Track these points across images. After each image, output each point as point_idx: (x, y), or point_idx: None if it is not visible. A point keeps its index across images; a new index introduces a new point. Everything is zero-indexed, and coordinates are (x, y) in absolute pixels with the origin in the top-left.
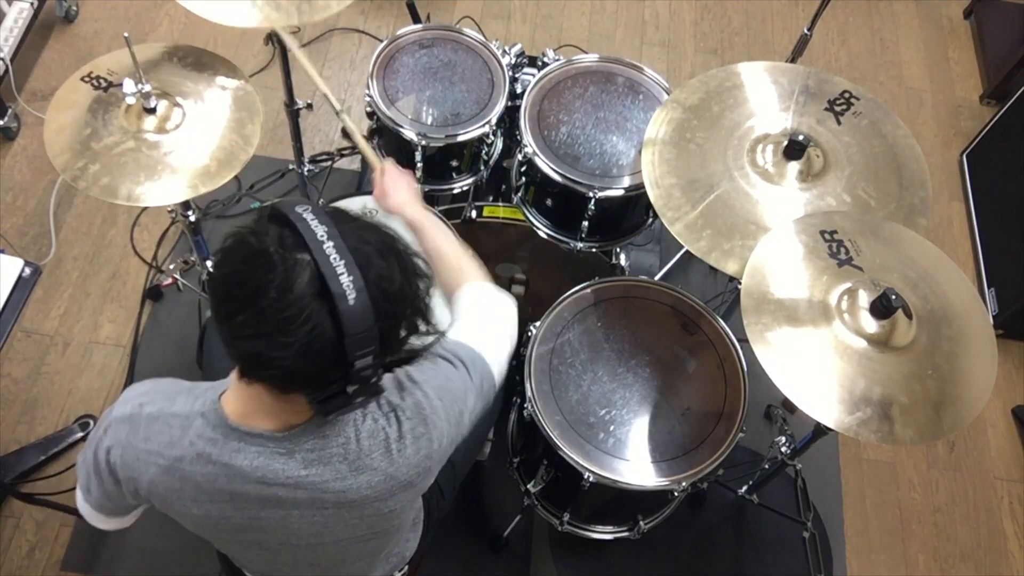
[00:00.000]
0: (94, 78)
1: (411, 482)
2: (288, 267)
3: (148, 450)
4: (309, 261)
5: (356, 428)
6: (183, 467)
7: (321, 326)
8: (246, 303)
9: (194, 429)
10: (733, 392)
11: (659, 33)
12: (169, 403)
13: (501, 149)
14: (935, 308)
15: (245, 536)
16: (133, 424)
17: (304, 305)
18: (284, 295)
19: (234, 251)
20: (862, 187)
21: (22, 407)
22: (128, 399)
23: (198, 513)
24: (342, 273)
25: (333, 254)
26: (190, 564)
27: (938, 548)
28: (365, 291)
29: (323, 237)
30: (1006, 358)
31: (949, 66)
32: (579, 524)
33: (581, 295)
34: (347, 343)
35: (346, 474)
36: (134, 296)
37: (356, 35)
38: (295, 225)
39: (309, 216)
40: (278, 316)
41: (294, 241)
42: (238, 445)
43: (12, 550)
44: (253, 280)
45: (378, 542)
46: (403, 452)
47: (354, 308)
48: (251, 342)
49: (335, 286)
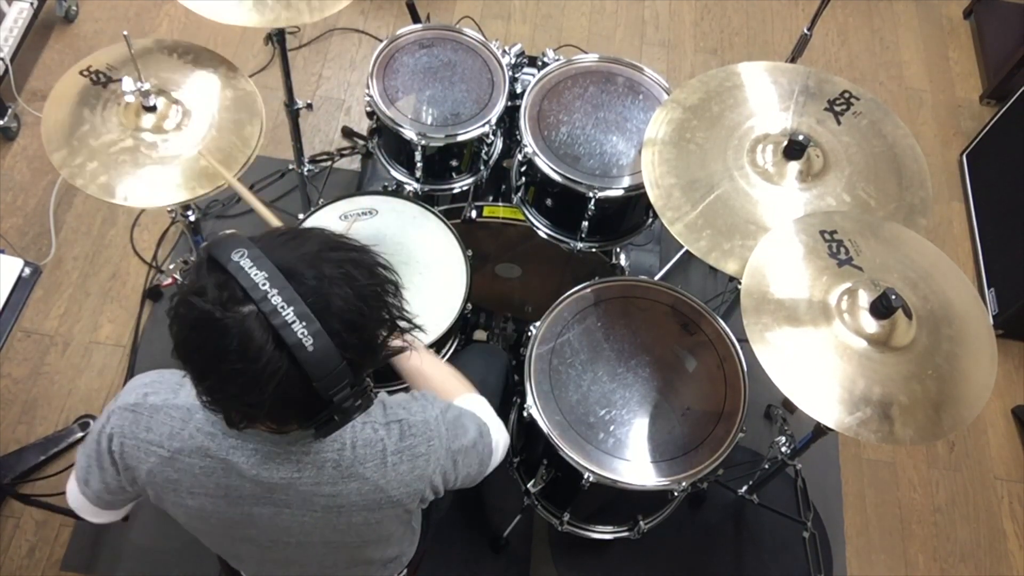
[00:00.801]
0: (93, 72)
1: (400, 501)
2: (240, 327)
3: (149, 440)
4: (257, 313)
5: (353, 435)
6: (182, 458)
7: (288, 375)
8: (209, 368)
9: (194, 422)
10: (733, 392)
11: (659, 33)
12: (173, 394)
13: (501, 149)
14: (935, 308)
15: (236, 531)
16: (136, 413)
17: (266, 361)
18: (244, 356)
19: (183, 316)
20: (862, 187)
21: (22, 407)
22: (133, 388)
23: (192, 504)
24: (293, 322)
25: (280, 303)
26: (190, 564)
27: (938, 548)
28: (323, 333)
29: (265, 286)
30: (1006, 358)
31: (949, 66)
32: (579, 524)
33: (581, 295)
34: (317, 387)
35: (337, 479)
36: (134, 296)
37: (356, 35)
38: (234, 277)
39: (246, 264)
40: (243, 378)
41: (240, 294)
42: (236, 442)
43: (12, 550)
44: (209, 346)
45: (369, 550)
46: (397, 467)
47: (315, 354)
48: (226, 402)
49: (290, 337)
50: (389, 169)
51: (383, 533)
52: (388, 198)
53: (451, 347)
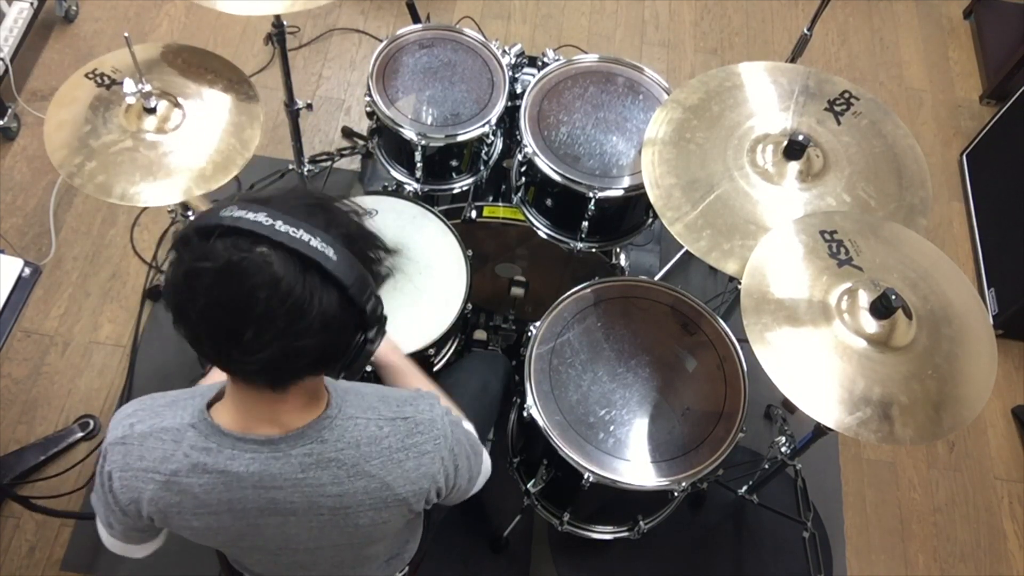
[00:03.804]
0: (98, 75)
1: (406, 499)
2: (259, 263)
3: (144, 468)
4: (271, 249)
5: (357, 434)
6: (180, 480)
7: (324, 294)
8: (242, 319)
9: (187, 441)
10: (733, 392)
11: (659, 33)
12: (158, 419)
13: (501, 149)
14: (935, 308)
15: (245, 543)
16: (127, 445)
17: (299, 285)
18: (275, 289)
19: (194, 284)
20: (862, 187)
21: (22, 407)
22: (118, 422)
23: (198, 525)
24: (309, 239)
25: (289, 228)
26: (190, 564)
27: (938, 548)
28: (336, 240)
29: (270, 221)
30: (1006, 358)
31: (949, 66)
32: (579, 524)
33: (581, 295)
34: (352, 293)
35: (343, 479)
36: (134, 296)
37: (356, 35)
38: (235, 228)
39: (240, 212)
40: (283, 310)
41: (246, 241)
42: (232, 452)
43: (12, 550)
44: (238, 297)
45: (375, 547)
46: (403, 464)
47: (340, 261)
48: (271, 348)
49: (312, 253)
50: (389, 169)
51: (389, 532)
52: (388, 198)
53: (451, 347)
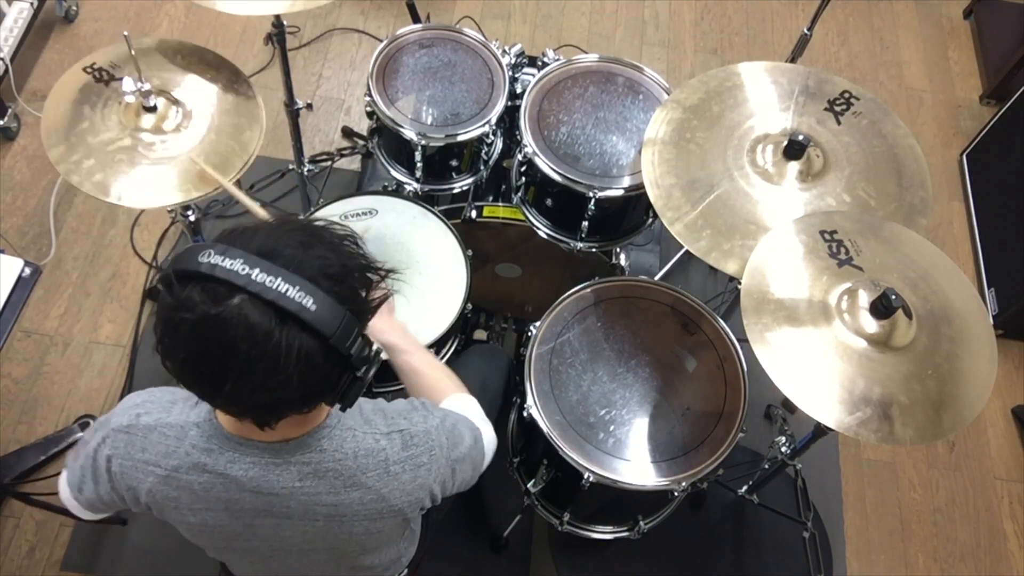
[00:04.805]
0: (96, 69)
1: (401, 509)
2: (237, 315)
3: (146, 460)
4: (249, 298)
5: (355, 445)
6: (180, 476)
7: (304, 344)
8: (223, 371)
9: (189, 439)
10: (733, 392)
11: (659, 33)
12: (165, 413)
13: (501, 149)
14: (935, 308)
15: (239, 543)
16: (131, 435)
17: (277, 338)
18: (252, 342)
19: (174, 335)
20: (862, 187)
21: (22, 407)
22: (125, 409)
23: (194, 521)
24: (287, 291)
25: (265, 279)
26: (190, 564)
27: (938, 548)
28: (318, 291)
29: (244, 270)
30: (1006, 358)
31: (949, 66)
32: (579, 524)
33: (581, 295)
34: (334, 343)
35: (339, 489)
36: (134, 296)
37: (356, 35)
38: (213, 276)
39: (216, 259)
40: (261, 364)
41: (223, 290)
42: (233, 455)
43: (12, 550)
44: (215, 348)
45: (370, 557)
46: (399, 476)
47: (319, 311)
48: (253, 397)
49: (289, 305)
50: (389, 169)
51: (383, 540)
52: (388, 198)
53: (451, 347)
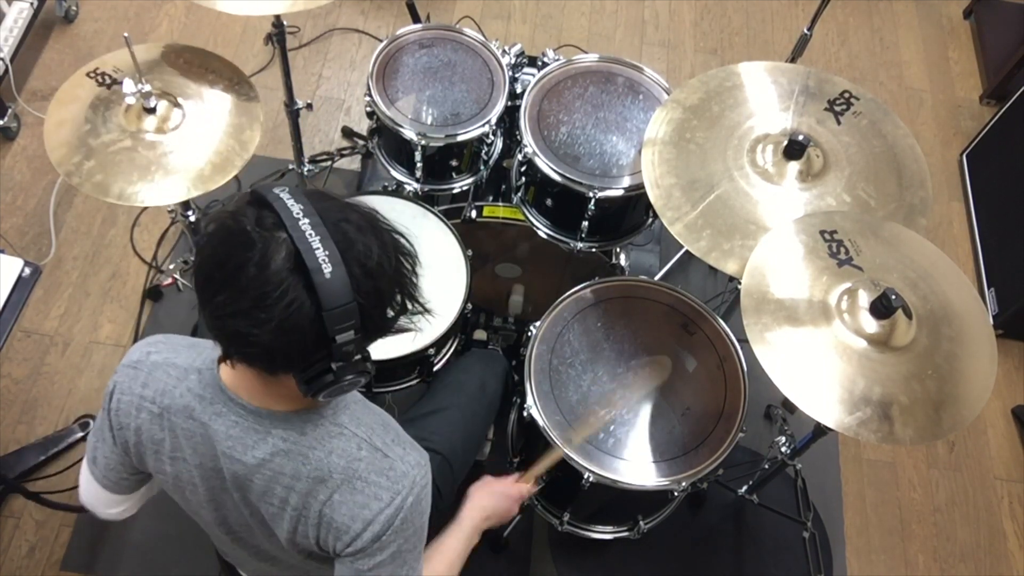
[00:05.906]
0: (99, 74)
1: (329, 523)
2: (266, 244)
3: (143, 395)
4: (286, 239)
5: (338, 443)
6: (170, 417)
7: (299, 300)
8: (226, 282)
9: (188, 382)
10: (733, 392)
11: (659, 33)
12: (174, 354)
13: (501, 149)
14: (935, 308)
15: (207, 514)
16: (137, 369)
17: (281, 280)
18: (262, 272)
19: (215, 234)
20: (862, 187)
21: (22, 407)
22: (138, 348)
23: (170, 471)
24: (317, 248)
25: (309, 230)
26: (190, 564)
27: (938, 548)
28: (342, 265)
29: (299, 215)
30: (1006, 358)
31: (949, 66)
32: (579, 524)
33: (581, 295)
34: (325, 316)
35: (301, 476)
36: (134, 296)
37: (356, 35)
38: (272, 205)
39: (286, 196)
40: (256, 292)
41: (272, 221)
42: (220, 408)
43: (12, 550)
44: (233, 260)
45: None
46: (354, 494)
47: (331, 281)
48: (231, 320)
49: (310, 260)
50: (389, 169)
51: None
52: (388, 198)
53: (451, 347)
